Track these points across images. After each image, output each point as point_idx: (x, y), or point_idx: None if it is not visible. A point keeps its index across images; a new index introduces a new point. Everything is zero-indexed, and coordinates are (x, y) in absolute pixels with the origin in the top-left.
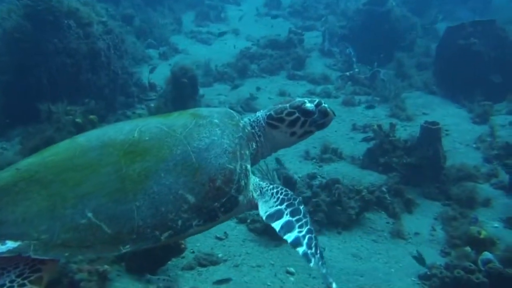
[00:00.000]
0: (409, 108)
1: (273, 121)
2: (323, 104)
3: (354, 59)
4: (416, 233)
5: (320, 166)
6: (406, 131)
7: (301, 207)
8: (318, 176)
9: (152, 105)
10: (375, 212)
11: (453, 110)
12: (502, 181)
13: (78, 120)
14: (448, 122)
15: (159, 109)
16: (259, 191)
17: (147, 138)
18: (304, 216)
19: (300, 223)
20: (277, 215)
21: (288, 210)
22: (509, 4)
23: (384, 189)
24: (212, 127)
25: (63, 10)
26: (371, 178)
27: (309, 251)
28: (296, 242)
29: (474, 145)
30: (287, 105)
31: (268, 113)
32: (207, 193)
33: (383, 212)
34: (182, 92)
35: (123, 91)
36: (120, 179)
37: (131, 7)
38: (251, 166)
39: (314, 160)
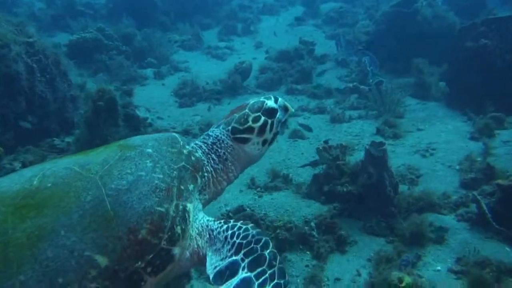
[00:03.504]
0: (404, 123)
1: (241, 133)
2: (280, 99)
3: (369, 69)
4: (337, 279)
5: (260, 197)
6: None
7: (267, 252)
8: (248, 209)
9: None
10: (300, 252)
11: (455, 125)
12: (470, 211)
13: None
14: (441, 139)
15: (77, 140)
16: (207, 236)
17: (49, 185)
18: (270, 266)
19: (262, 279)
20: (231, 270)
21: (247, 261)
22: None
23: (312, 224)
24: (142, 159)
25: None
26: (307, 210)
27: None
28: None
29: (457, 167)
30: (247, 110)
31: (230, 127)
32: (124, 249)
33: (308, 253)
34: (99, 118)
35: (59, 117)
36: (3, 245)
37: (132, 26)
38: (208, 201)
39: (258, 189)
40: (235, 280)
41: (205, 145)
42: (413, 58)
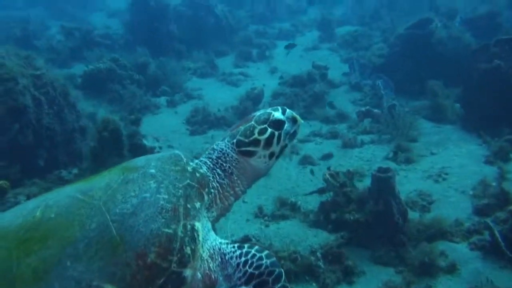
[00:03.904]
0: (418, 147)
1: (247, 146)
2: (288, 110)
3: (383, 92)
4: None
5: (267, 226)
6: (397, 178)
7: (277, 286)
8: (253, 239)
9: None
10: (306, 283)
11: (469, 148)
12: (483, 239)
13: None
14: (454, 164)
15: (83, 172)
16: (219, 259)
17: (52, 216)
18: None
19: None
20: None
21: None
22: None
23: (318, 254)
24: (145, 180)
25: None
26: (314, 239)
27: None
28: None
29: (471, 192)
30: (253, 122)
31: (235, 140)
32: (134, 276)
33: (314, 284)
34: (103, 149)
35: (68, 148)
36: (9, 283)
37: (146, 55)
38: (217, 218)
39: (266, 218)
40: None
41: (210, 160)
42: (428, 80)
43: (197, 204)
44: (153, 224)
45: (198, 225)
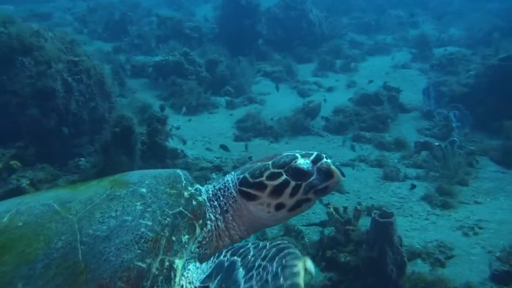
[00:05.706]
0: (464, 192)
1: (249, 188)
2: (324, 159)
3: (454, 125)
4: None
5: None
6: (425, 222)
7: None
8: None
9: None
10: None
11: None
12: None
13: None
14: (494, 218)
15: (93, 166)
16: (196, 271)
17: (20, 224)
18: (267, 248)
19: (252, 260)
20: (217, 270)
21: (236, 256)
22: None
23: None
24: (132, 200)
25: (15, 46)
26: None
27: None
28: None
29: (497, 254)
30: (269, 162)
31: (240, 176)
32: None
33: None
34: (113, 144)
35: (94, 137)
36: None
37: (219, 53)
38: (210, 257)
39: None
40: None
41: (213, 189)
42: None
43: (184, 238)
44: (126, 254)
45: (178, 263)
